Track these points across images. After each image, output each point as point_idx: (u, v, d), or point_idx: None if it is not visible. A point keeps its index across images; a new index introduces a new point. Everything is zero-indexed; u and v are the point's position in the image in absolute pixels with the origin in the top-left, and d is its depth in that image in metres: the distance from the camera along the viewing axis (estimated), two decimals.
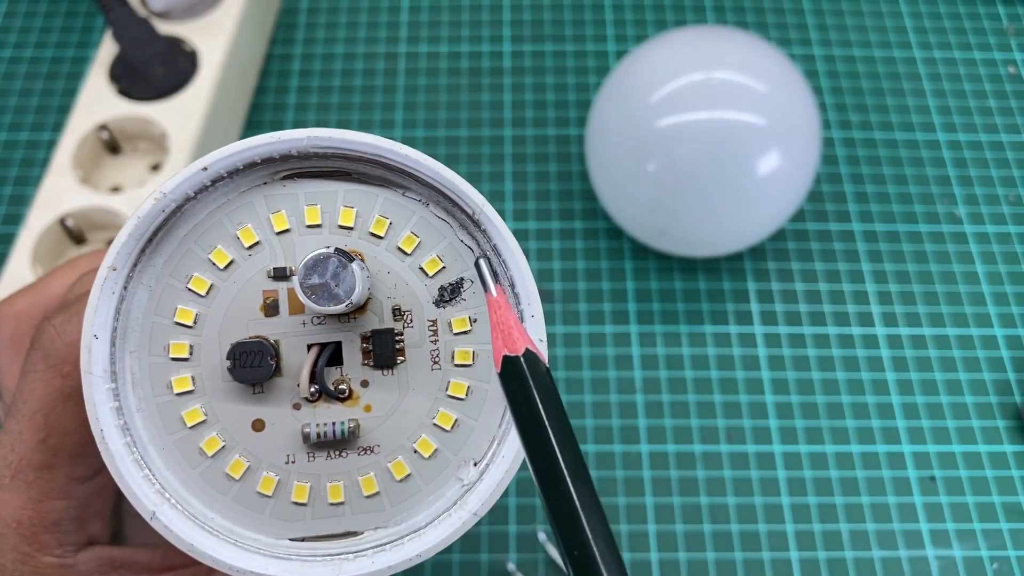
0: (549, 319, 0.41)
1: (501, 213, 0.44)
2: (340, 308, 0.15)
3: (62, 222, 0.39)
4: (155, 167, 0.42)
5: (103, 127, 0.41)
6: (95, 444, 0.17)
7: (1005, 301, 0.41)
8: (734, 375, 0.39)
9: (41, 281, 0.21)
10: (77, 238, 0.39)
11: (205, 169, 0.16)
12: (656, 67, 0.38)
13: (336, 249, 0.15)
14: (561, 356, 0.40)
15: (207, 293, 0.16)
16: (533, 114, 0.47)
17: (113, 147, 0.42)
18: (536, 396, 0.14)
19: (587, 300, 0.41)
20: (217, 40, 0.43)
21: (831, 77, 0.48)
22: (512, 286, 0.16)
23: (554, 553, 0.35)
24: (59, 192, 0.39)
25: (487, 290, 0.15)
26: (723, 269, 0.42)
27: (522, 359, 0.14)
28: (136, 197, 0.39)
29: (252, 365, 0.15)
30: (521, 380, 0.14)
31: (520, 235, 0.43)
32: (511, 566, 0.35)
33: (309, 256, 0.15)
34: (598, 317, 0.41)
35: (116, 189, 0.41)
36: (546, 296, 0.41)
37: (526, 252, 0.42)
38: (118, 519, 0.21)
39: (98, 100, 0.42)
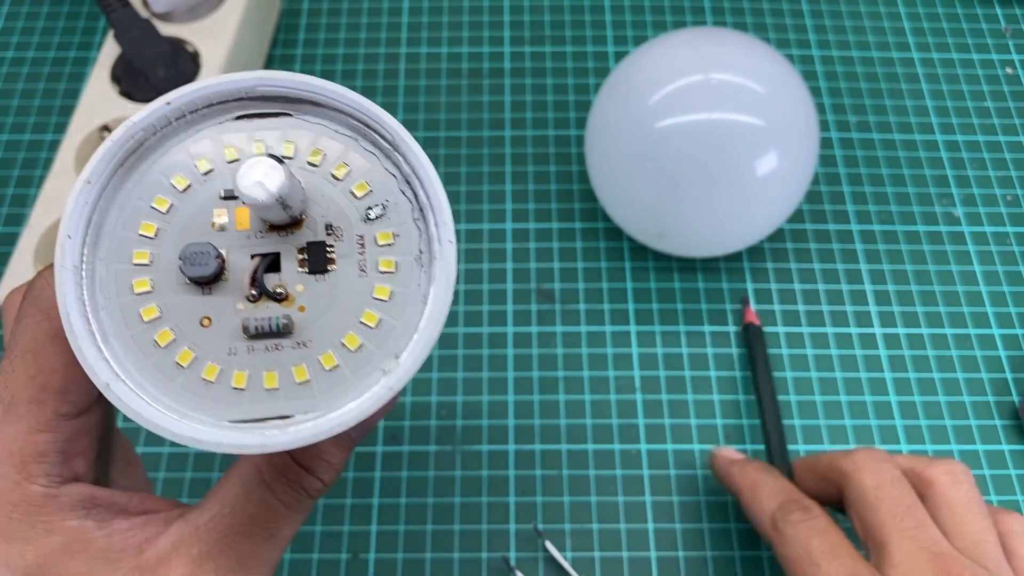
0: (549, 319, 0.41)
1: (501, 213, 0.44)
2: (271, 200, 0.17)
3: None
4: None
5: (105, 128, 0.41)
6: (79, 382, 0.19)
7: (1003, 301, 0.41)
8: (732, 374, 0.40)
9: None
10: None
11: (169, 103, 0.19)
12: (655, 68, 0.38)
13: (269, 154, 0.17)
14: (561, 355, 0.40)
15: (167, 211, 0.19)
16: (533, 115, 0.47)
17: None
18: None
19: (586, 300, 0.42)
20: (219, 41, 0.44)
21: (829, 78, 0.48)
22: (429, 200, 0.19)
23: (553, 550, 0.35)
24: (61, 193, 0.39)
25: None
26: (721, 269, 0.42)
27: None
28: None
29: (200, 264, 0.18)
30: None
31: (520, 235, 0.43)
32: (511, 564, 0.35)
33: (247, 160, 0.17)
34: (597, 317, 0.41)
35: None
36: (546, 296, 0.42)
37: (527, 252, 0.43)
38: (104, 474, 0.22)
39: (100, 101, 0.42)
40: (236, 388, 0.18)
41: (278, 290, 0.18)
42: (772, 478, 0.33)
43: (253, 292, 0.18)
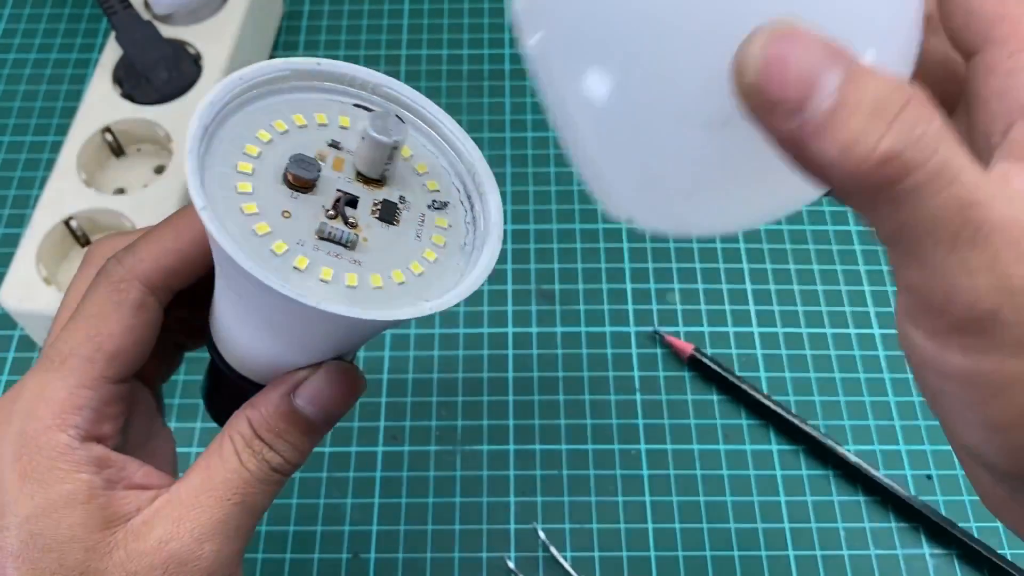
0: (549, 319, 0.41)
1: (502, 213, 0.44)
2: (391, 141, 0.22)
3: (67, 223, 0.39)
4: (159, 169, 0.42)
5: (107, 130, 0.42)
6: (128, 351, 0.22)
7: None
8: None
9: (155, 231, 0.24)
10: (82, 239, 0.40)
11: (319, 64, 0.24)
12: None
13: (396, 114, 0.23)
14: (561, 355, 0.40)
15: (282, 132, 0.23)
16: (532, 117, 0.47)
17: (117, 149, 0.42)
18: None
19: (586, 301, 0.42)
20: (220, 43, 0.44)
21: None
22: (484, 214, 0.24)
23: (553, 550, 0.35)
24: (64, 194, 0.39)
25: None
26: (721, 270, 0.42)
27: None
28: (140, 199, 0.40)
29: (305, 168, 0.22)
30: None
31: (520, 236, 0.43)
32: (511, 564, 0.35)
33: (379, 111, 0.23)
34: (597, 317, 0.41)
35: (120, 191, 0.41)
36: (546, 296, 0.42)
37: (527, 253, 0.43)
38: (123, 447, 0.24)
39: (102, 103, 0.42)
40: (296, 268, 0.21)
41: (351, 220, 0.22)
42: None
43: (332, 211, 0.22)
